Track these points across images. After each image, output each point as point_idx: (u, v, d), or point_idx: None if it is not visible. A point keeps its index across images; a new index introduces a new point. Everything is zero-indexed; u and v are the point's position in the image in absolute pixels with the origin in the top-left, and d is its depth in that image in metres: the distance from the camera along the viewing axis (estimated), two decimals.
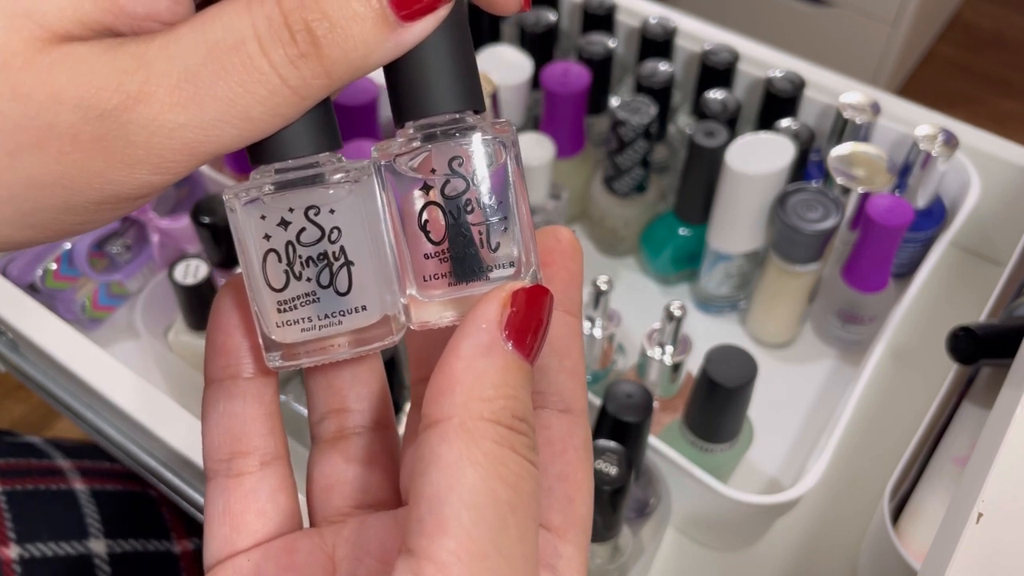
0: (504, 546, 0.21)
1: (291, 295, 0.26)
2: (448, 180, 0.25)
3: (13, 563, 0.53)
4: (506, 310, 0.23)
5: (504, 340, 0.23)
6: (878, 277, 0.66)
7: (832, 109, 0.72)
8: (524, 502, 0.22)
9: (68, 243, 0.67)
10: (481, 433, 0.22)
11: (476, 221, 0.25)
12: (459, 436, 0.22)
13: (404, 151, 0.25)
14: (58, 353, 0.57)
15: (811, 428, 0.67)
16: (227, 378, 0.27)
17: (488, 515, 0.21)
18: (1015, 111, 2.08)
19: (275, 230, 0.25)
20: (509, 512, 0.21)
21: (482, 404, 0.22)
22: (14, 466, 0.59)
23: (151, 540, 0.59)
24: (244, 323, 0.27)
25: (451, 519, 0.21)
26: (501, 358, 0.22)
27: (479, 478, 0.21)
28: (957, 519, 0.37)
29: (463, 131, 0.25)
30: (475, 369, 0.22)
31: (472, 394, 0.22)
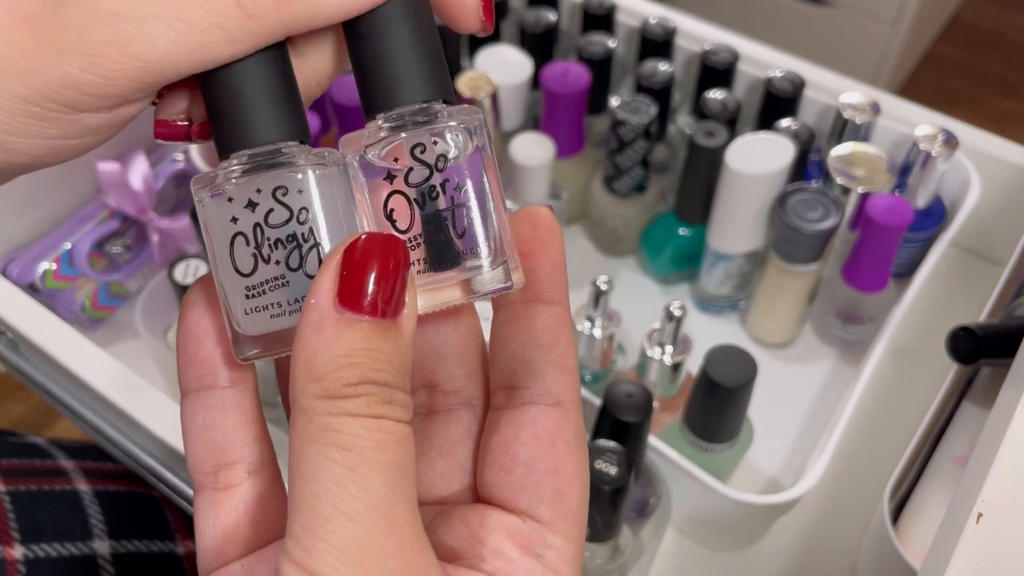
0: (344, 505, 0.21)
1: (260, 279, 0.25)
2: (412, 168, 0.25)
3: (18, 563, 0.53)
4: (336, 277, 0.22)
5: (337, 310, 0.22)
6: (878, 277, 0.66)
7: (832, 109, 0.72)
8: (366, 458, 0.22)
9: (68, 243, 0.67)
10: (314, 410, 0.22)
11: (443, 207, 0.25)
12: (298, 419, 0.22)
13: (371, 142, 0.25)
14: (58, 353, 0.57)
15: (811, 428, 0.67)
16: (203, 389, 0.27)
17: (325, 483, 0.21)
18: (1015, 111, 2.08)
19: (242, 212, 0.25)
20: (346, 472, 0.22)
21: (313, 383, 0.22)
22: (18, 467, 0.59)
23: (154, 541, 0.59)
24: (215, 329, 0.26)
25: (297, 496, 0.22)
26: (332, 329, 0.22)
27: (315, 451, 0.22)
28: (957, 519, 0.37)
29: (427, 120, 0.25)
30: (308, 349, 0.22)
31: (307, 374, 0.22)
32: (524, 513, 0.26)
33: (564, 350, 0.27)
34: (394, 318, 0.23)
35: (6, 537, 0.54)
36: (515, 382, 0.27)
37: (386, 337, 0.23)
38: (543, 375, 0.27)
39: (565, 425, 0.26)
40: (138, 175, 0.69)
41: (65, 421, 1.46)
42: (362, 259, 0.22)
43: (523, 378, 0.27)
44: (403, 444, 0.23)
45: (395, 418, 0.23)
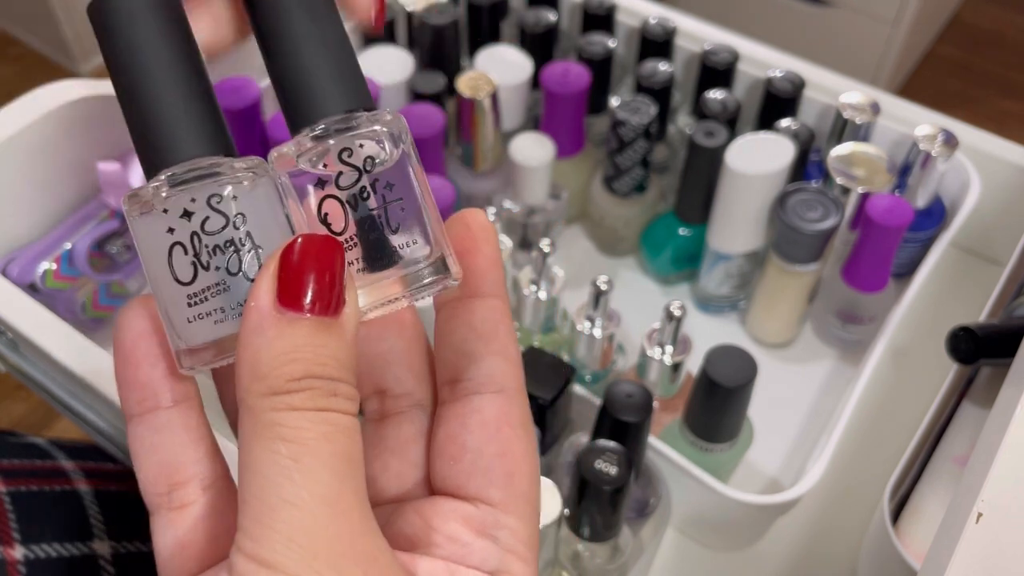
0: (290, 494, 0.22)
1: (200, 286, 0.25)
2: (342, 172, 0.25)
3: (18, 564, 0.53)
4: (275, 279, 0.23)
5: (277, 310, 0.23)
6: (878, 277, 0.66)
7: (832, 109, 0.72)
8: (310, 449, 0.22)
9: (68, 243, 0.67)
10: (259, 408, 0.22)
11: (374, 207, 0.26)
12: (244, 418, 0.23)
13: (299, 152, 0.26)
14: (58, 353, 0.57)
15: (811, 428, 0.67)
16: (146, 411, 0.26)
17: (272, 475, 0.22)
18: (1015, 111, 2.08)
19: (178, 222, 0.25)
20: (291, 463, 0.22)
21: (257, 382, 0.22)
22: (18, 467, 0.59)
23: None
24: (151, 351, 0.26)
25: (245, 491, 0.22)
26: (273, 329, 0.23)
27: (261, 447, 0.22)
28: (957, 519, 0.37)
29: (351, 127, 0.26)
30: (251, 350, 0.23)
31: (251, 374, 0.23)
32: (475, 498, 0.27)
33: (504, 340, 0.27)
34: (335, 315, 0.23)
35: (6, 538, 0.54)
36: (458, 375, 0.28)
37: (328, 333, 0.23)
38: (485, 365, 0.27)
39: (510, 410, 0.27)
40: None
41: (65, 421, 1.46)
42: (299, 260, 0.23)
43: (466, 370, 0.27)
44: (349, 435, 0.23)
45: (340, 410, 0.23)
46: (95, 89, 0.67)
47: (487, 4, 0.77)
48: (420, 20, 0.75)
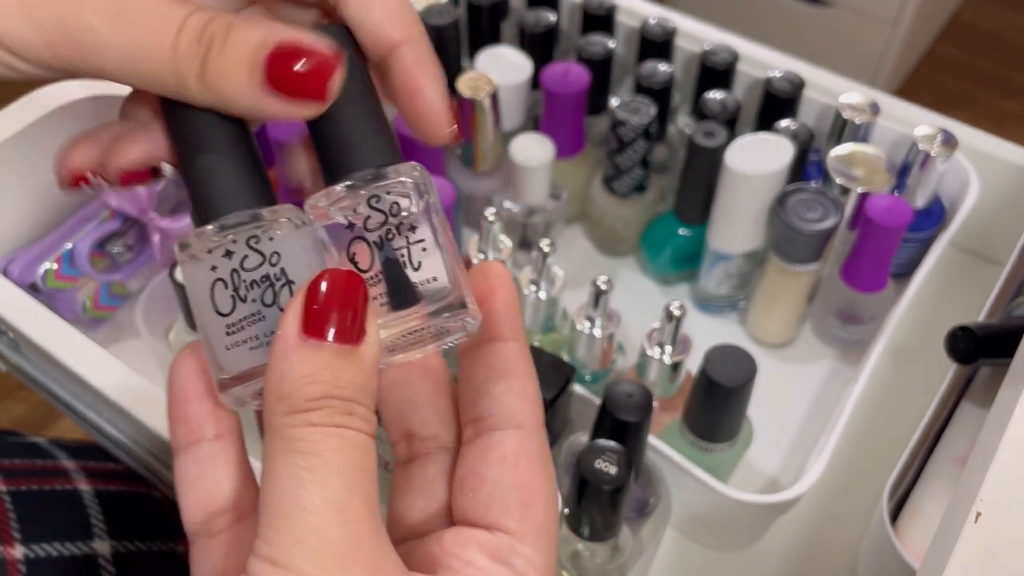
0: (303, 501, 0.23)
1: (238, 317, 0.28)
2: (370, 216, 0.28)
3: (19, 563, 0.53)
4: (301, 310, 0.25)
5: (302, 338, 0.25)
6: (877, 277, 0.66)
7: (831, 109, 0.72)
8: (325, 460, 0.24)
9: (69, 243, 0.67)
10: (280, 425, 0.24)
11: (398, 246, 0.28)
12: (268, 436, 0.25)
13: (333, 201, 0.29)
14: (59, 353, 0.57)
15: (810, 428, 0.67)
16: (191, 444, 0.29)
17: (288, 485, 0.24)
18: (1014, 111, 2.08)
19: (220, 261, 0.28)
20: (306, 473, 0.24)
21: (280, 402, 0.24)
22: (19, 467, 0.59)
23: (155, 541, 0.60)
24: (200, 389, 0.29)
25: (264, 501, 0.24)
26: (297, 355, 0.25)
27: (280, 460, 0.24)
28: (956, 518, 0.37)
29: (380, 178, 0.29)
30: (276, 374, 0.25)
31: (275, 395, 0.25)
32: (493, 526, 0.28)
33: (522, 380, 0.29)
34: (356, 344, 0.25)
35: (7, 537, 0.54)
36: (480, 413, 0.29)
37: (348, 360, 0.25)
38: (504, 403, 0.28)
39: (528, 445, 0.28)
40: None
41: (66, 421, 1.46)
42: (324, 293, 0.25)
43: (487, 408, 0.29)
44: (362, 450, 0.25)
45: (354, 427, 0.25)
46: (96, 90, 0.67)
47: (487, 4, 0.77)
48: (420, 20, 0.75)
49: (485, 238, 0.61)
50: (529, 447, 0.28)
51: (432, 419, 0.31)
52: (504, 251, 0.62)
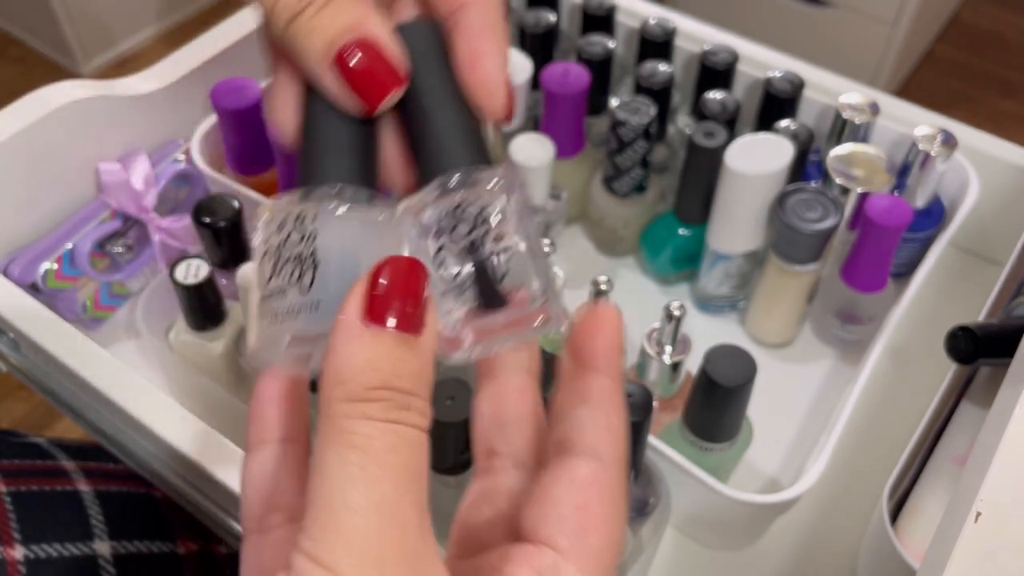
0: (353, 501, 0.23)
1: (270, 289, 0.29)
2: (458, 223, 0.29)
3: (19, 563, 0.53)
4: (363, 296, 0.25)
5: (364, 323, 0.25)
6: (877, 277, 0.66)
7: (831, 109, 0.72)
8: (378, 459, 0.24)
9: (69, 243, 0.67)
10: (335, 414, 0.24)
11: (487, 253, 0.29)
12: (321, 424, 0.24)
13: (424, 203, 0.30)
14: (59, 353, 0.57)
15: (810, 427, 0.67)
16: (260, 444, 0.30)
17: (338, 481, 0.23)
18: (1013, 111, 2.08)
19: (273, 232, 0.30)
20: (358, 471, 0.23)
21: (338, 388, 0.24)
22: (19, 467, 0.59)
23: (155, 541, 0.60)
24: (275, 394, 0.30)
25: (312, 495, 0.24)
26: (358, 341, 0.24)
27: (332, 452, 0.24)
28: (956, 518, 0.37)
29: (471, 180, 0.29)
30: (336, 358, 0.25)
31: (333, 380, 0.24)
32: (544, 542, 0.28)
33: (611, 415, 0.29)
34: (416, 334, 0.25)
35: (7, 538, 0.54)
36: (564, 440, 0.29)
37: (408, 349, 0.25)
38: (589, 434, 0.28)
39: (602, 476, 0.28)
40: (139, 175, 0.69)
41: (66, 421, 1.46)
42: (387, 280, 0.25)
43: (571, 436, 0.29)
44: (415, 449, 0.25)
45: (410, 423, 0.24)
46: (96, 90, 0.67)
47: None
48: None
49: None
50: (603, 478, 0.28)
51: (516, 440, 0.31)
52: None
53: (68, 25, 2.06)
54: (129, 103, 0.70)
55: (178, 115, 0.74)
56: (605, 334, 0.30)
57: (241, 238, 0.62)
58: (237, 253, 0.63)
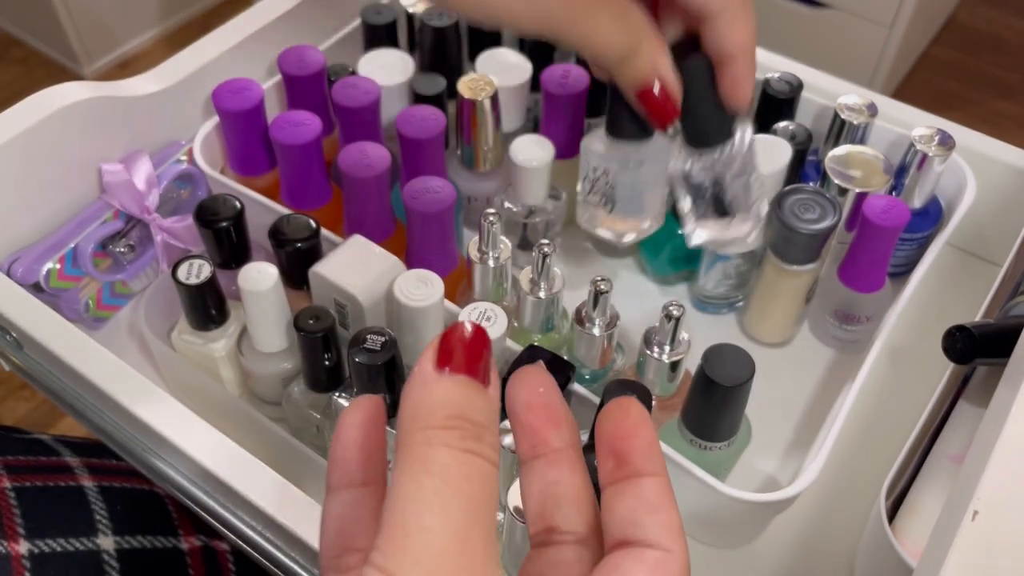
0: (427, 523, 0.24)
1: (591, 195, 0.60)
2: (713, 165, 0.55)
3: (23, 558, 0.54)
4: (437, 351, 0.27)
5: (438, 372, 0.27)
6: (875, 277, 0.66)
7: (829, 111, 0.73)
8: (453, 486, 0.25)
9: (72, 243, 0.67)
10: (414, 442, 0.26)
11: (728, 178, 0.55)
12: (400, 454, 0.26)
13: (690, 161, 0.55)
14: (62, 352, 0.57)
15: (808, 426, 0.68)
16: (341, 487, 0.31)
17: (414, 504, 0.24)
18: (1011, 112, 2.09)
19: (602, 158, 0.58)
20: (433, 496, 0.25)
21: (416, 421, 0.26)
22: (24, 463, 0.60)
23: (159, 537, 0.60)
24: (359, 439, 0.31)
25: (387, 512, 0.25)
26: (434, 383, 0.26)
27: (409, 478, 0.25)
28: (953, 516, 0.37)
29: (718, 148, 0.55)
30: (413, 398, 0.26)
31: (411, 416, 0.26)
32: None
33: (669, 513, 0.30)
34: (484, 384, 0.27)
35: (11, 533, 0.55)
36: (627, 540, 0.30)
37: (477, 391, 0.27)
38: (652, 532, 0.29)
39: (670, 565, 0.29)
40: (141, 176, 0.70)
41: (69, 420, 1.46)
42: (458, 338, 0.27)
43: (634, 535, 0.29)
44: (487, 481, 0.26)
45: (484, 456, 0.26)
46: (99, 91, 0.68)
47: None
48: (421, 22, 0.76)
49: (485, 238, 0.61)
50: (671, 566, 0.29)
51: (574, 516, 0.32)
52: (504, 251, 0.62)
53: (71, 27, 2.06)
54: (131, 104, 0.70)
55: (180, 116, 0.74)
56: (643, 436, 0.30)
57: (243, 238, 0.63)
58: (239, 253, 0.63)
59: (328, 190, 0.71)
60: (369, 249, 0.59)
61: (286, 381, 0.61)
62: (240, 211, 0.61)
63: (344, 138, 0.71)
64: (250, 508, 0.52)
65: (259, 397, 0.64)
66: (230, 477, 0.52)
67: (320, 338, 0.55)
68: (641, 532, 0.29)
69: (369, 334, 0.53)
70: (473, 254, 0.62)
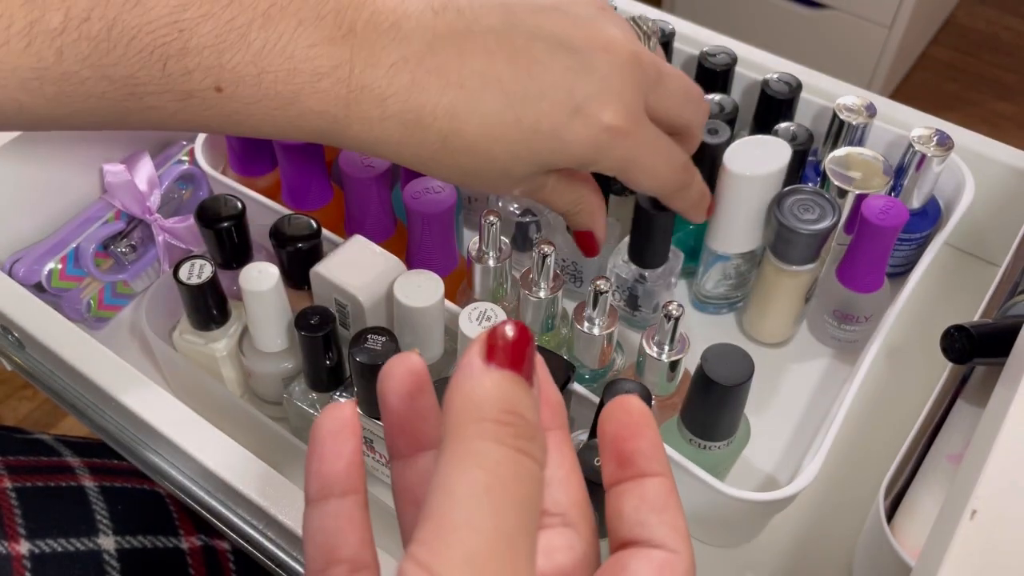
0: (476, 520, 0.23)
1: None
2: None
3: (24, 559, 0.54)
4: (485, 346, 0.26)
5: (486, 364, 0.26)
6: (873, 277, 0.66)
7: (828, 111, 0.73)
8: (504, 485, 0.24)
9: (74, 243, 0.67)
10: (467, 434, 0.25)
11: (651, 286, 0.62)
12: (449, 444, 0.25)
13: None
14: (64, 352, 0.57)
15: (807, 426, 0.68)
16: (320, 500, 0.30)
17: (462, 498, 0.24)
18: (1009, 113, 2.09)
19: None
20: (483, 492, 0.24)
21: (470, 411, 0.25)
22: (24, 463, 0.60)
23: (159, 536, 0.60)
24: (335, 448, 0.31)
25: (431, 505, 0.24)
26: (486, 374, 0.26)
27: (459, 470, 0.24)
28: (951, 516, 0.38)
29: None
30: (464, 389, 0.26)
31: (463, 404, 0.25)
32: None
33: (674, 513, 0.30)
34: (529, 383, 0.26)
35: (12, 533, 0.55)
36: (632, 540, 0.30)
37: (527, 389, 0.26)
38: (658, 533, 0.29)
39: (675, 561, 0.29)
40: (143, 176, 0.70)
41: (71, 419, 1.47)
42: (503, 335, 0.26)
43: (640, 535, 0.29)
44: (536, 484, 0.25)
45: (535, 458, 0.25)
46: None
47: None
48: None
49: (485, 238, 0.61)
50: (678, 567, 0.29)
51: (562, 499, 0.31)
52: (504, 251, 0.62)
53: None
54: None
55: None
56: (647, 435, 0.30)
57: (244, 238, 0.63)
58: (240, 253, 0.63)
59: (329, 190, 0.71)
60: (370, 249, 0.59)
61: (287, 381, 0.62)
62: (241, 211, 0.61)
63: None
64: (251, 507, 0.52)
65: (260, 397, 0.64)
66: (231, 476, 0.52)
67: (321, 338, 0.55)
68: (647, 532, 0.29)
69: (370, 334, 0.53)
70: (473, 254, 0.62)
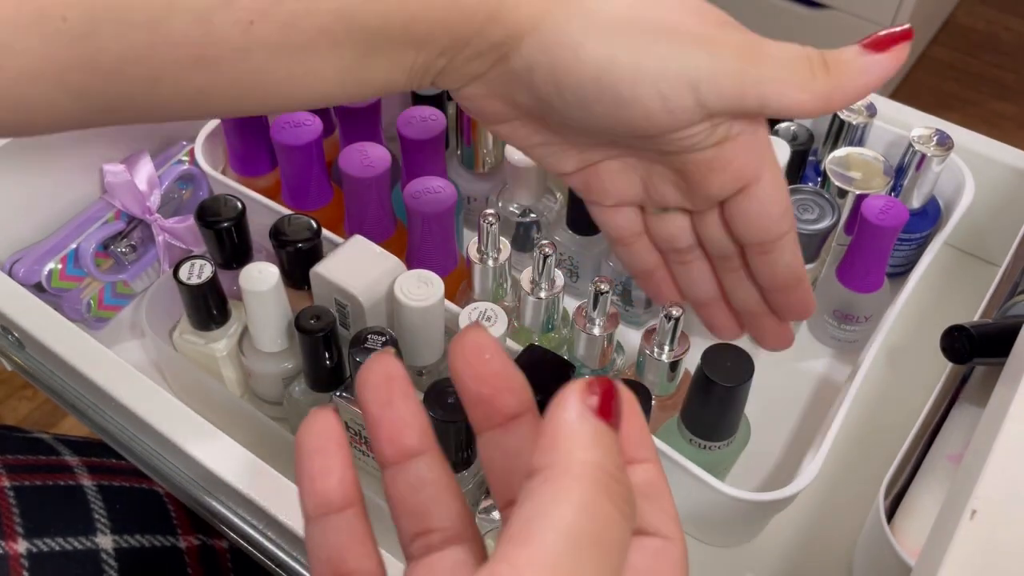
0: (577, 571, 0.22)
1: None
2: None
3: (21, 557, 0.54)
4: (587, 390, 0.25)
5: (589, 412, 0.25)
6: (873, 277, 0.66)
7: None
8: (607, 543, 0.23)
9: (74, 243, 0.67)
10: (582, 474, 0.24)
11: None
12: (561, 476, 0.24)
13: None
14: (64, 352, 0.57)
15: (807, 426, 0.68)
16: (320, 516, 0.30)
17: (571, 540, 0.23)
18: (1009, 113, 2.09)
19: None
20: (591, 545, 0.23)
21: (585, 452, 0.24)
22: (23, 462, 0.60)
23: (157, 536, 0.60)
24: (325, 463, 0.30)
25: (536, 535, 0.23)
26: (593, 422, 0.25)
27: (571, 511, 0.23)
28: (951, 516, 0.38)
29: None
30: (572, 428, 0.24)
31: (575, 445, 0.24)
32: None
33: (666, 500, 0.29)
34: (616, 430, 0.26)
35: (10, 532, 0.55)
36: None
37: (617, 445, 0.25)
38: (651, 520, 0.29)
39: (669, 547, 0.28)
40: (143, 176, 0.70)
41: (71, 419, 1.46)
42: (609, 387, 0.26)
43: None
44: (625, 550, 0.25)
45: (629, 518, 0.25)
46: None
47: None
48: None
49: (485, 238, 0.61)
50: (671, 552, 0.28)
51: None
52: (504, 251, 0.62)
53: None
54: None
55: None
56: (634, 422, 0.30)
57: (244, 239, 0.63)
58: (240, 253, 0.63)
59: (329, 190, 0.71)
60: (370, 249, 0.59)
61: (287, 381, 0.62)
62: (241, 211, 0.61)
63: (345, 139, 0.71)
64: (251, 507, 0.52)
65: (260, 397, 0.64)
66: (231, 476, 0.52)
67: (321, 338, 0.55)
68: (639, 520, 0.29)
69: (370, 334, 0.53)
70: (473, 254, 0.62)
